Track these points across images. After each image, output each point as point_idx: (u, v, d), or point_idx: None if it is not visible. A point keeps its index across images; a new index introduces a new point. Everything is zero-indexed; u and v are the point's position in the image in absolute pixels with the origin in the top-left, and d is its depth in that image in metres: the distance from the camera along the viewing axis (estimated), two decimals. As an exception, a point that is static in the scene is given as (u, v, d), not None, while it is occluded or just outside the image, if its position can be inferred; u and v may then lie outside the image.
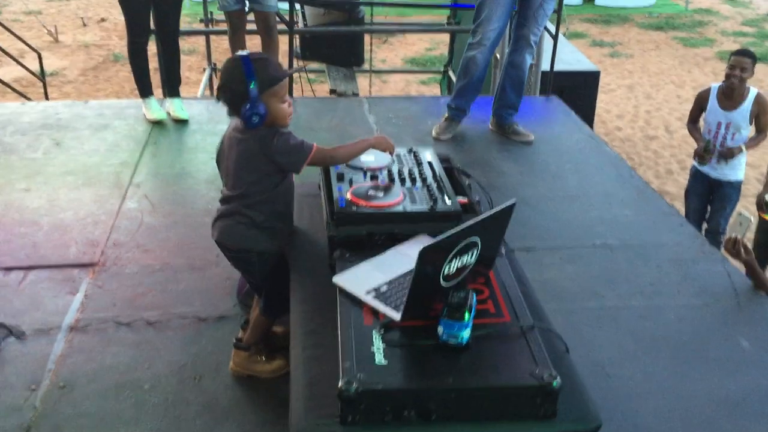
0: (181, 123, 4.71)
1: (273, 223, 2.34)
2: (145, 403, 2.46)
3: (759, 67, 5.33)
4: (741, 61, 4.74)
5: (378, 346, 1.75)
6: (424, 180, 2.39)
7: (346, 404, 1.62)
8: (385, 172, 2.41)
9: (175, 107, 4.75)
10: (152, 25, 4.60)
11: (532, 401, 1.65)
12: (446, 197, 2.28)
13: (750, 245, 3.44)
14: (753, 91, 4.84)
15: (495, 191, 2.67)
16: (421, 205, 2.23)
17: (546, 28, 5.01)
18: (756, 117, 4.84)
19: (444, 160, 2.61)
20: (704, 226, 5.10)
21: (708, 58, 11.80)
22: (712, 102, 4.92)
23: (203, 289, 3.07)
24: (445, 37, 11.03)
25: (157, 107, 4.73)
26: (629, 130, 8.86)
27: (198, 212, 3.66)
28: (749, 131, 4.90)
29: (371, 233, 2.16)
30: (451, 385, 1.64)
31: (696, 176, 5.18)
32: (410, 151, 2.61)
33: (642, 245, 3.47)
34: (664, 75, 10.87)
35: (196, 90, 7.91)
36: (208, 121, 4.79)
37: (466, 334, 1.74)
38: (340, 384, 1.62)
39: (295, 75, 6.06)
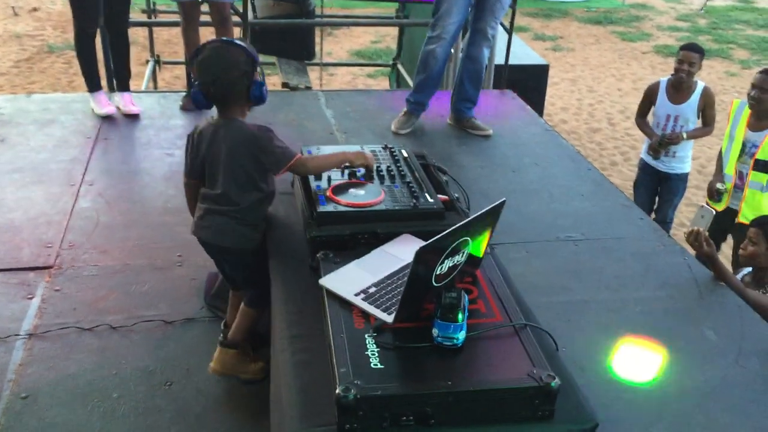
0: (132, 118, 4.56)
1: (263, 222, 2.34)
2: (114, 412, 2.37)
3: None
4: (689, 56, 4.86)
5: (372, 349, 1.71)
6: (403, 177, 2.36)
7: (343, 411, 1.58)
8: (363, 170, 2.36)
9: (125, 101, 4.59)
10: (99, 17, 4.43)
11: (531, 402, 1.64)
12: (427, 195, 2.26)
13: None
14: (700, 85, 4.96)
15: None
16: (404, 204, 2.20)
17: (502, 23, 5.04)
18: (702, 111, 4.97)
19: (419, 157, 2.58)
20: (652, 216, 5.22)
21: (645, 51, 12.08)
22: (662, 95, 5.04)
23: (168, 290, 2.97)
24: (391, 30, 11.03)
25: (107, 102, 4.56)
26: (574, 123, 9.00)
27: (156, 210, 3.55)
28: (697, 124, 5.03)
29: (354, 233, 2.12)
30: (449, 388, 1.62)
31: (644, 169, 5.30)
32: (385, 147, 2.58)
33: (604, 239, 3.51)
34: (604, 68, 11.08)
35: (139, 83, 7.69)
36: (160, 115, 4.64)
37: (461, 335, 1.72)
38: (337, 391, 1.57)
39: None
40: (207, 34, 4.64)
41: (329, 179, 2.30)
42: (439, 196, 2.29)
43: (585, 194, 3.92)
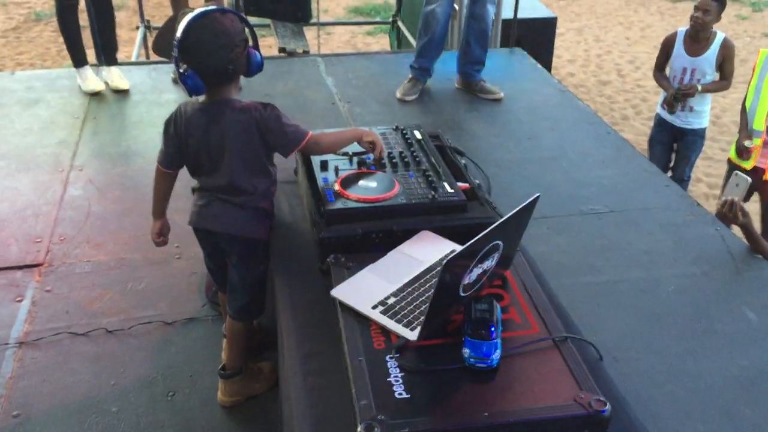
0: (122, 93, 4.32)
1: (272, 210, 2.16)
2: (115, 429, 2.20)
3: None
4: (704, 3, 4.55)
5: (395, 374, 1.51)
6: (418, 164, 2.13)
7: (367, 453, 1.38)
8: (372, 156, 2.13)
9: (114, 76, 4.34)
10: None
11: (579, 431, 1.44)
12: (446, 184, 2.03)
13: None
14: (720, 36, 4.67)
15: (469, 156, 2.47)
16: (421, 196, 1.98)
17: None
18: (720, 64, 4.69)
19: (433, 137, 2.35)
20: (668, 174, 4.99)
21: (653, -3, 11.68)
22: (678, 47, 4.75)
23: (166, 287, 2.78)
24: (389, -16, 10.66)
25: (94, 77, 4.31)
26: (582, 75, 8.69)
27: (151, 197, 3.32)
28: (714, 78, 4.76)
29: (367, 232, 1.90)
30: (486, 421, 1.42)
31: (660, 125, 5.04)
32: (396, 128, 2.35)
33: (630, 210, 3.30)
34: (611, 16, 10.70)
35: (129, 51, 7.39)
36: (152, 90, 4.39)
37: (496, 355, 1.52)
38: (358, 429, 1.37)
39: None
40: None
41: (336, 169, 2.07)
42: (459, 183, 2.06)
43: (606, 161, 3.69)
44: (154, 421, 2.22)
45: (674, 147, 5.03)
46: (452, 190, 2.00)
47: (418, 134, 2.32)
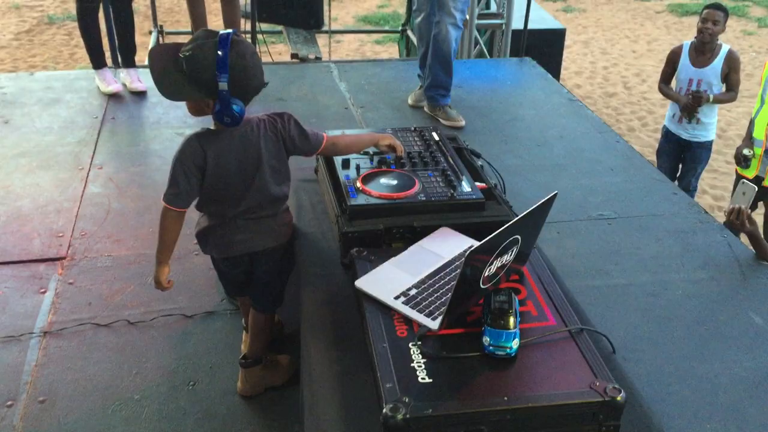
0: (139, 95, 4.39)
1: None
2: (137, 416, 2.25)
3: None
4: (713, 14, 4.64)
5: (418, 360, 1.58)
6: (437, 164, 2.20)
7: (392, 432, 1.44)
8: (392, 155, 2.20)
9: (132, 78, 4.42)
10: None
11: (595, 417, 1.50)
12: (465, 183, 2.10)
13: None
14: (725, 48, 4.75)
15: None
16: (440, 194, 2.05)
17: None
18: (726, 75, 4.77)
19: (450, 140, 2.42)
20: (675, 184, 5.05)
21: (659, 11, 11.77)
22: (684, 59, 4.83)
23: (186, 281, 2.84)
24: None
25: (112, 79, 4.39)
26: (588, 87, 8.77)
27: (170, 195, 3.40)
28: (721, 89, 4.83)
29: (389, 227, 1.97)
30: (506, 405, 1.48)
31: (667, 136, 5.11)
32: (414, 129, 2.42)
33: (639, 216, 3.36)
34: (617, 29, 10.80)
35: (143, 55, 7.48)
36: (168, 92, 4.46)
37: (514, 344, 1.58)
38: (384, 410, 1.44)
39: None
40: (210, 3, 4.46)
41: (358, 168, 2.15)
42: (476, 183, 2.13)
43: (615, 168, 3.76)
44: (175, 408, 2.28)
45: (681, 158, 5.10)
46: (470, 189, 2.07)
47: (435, 136, 2.39)
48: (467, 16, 5.34)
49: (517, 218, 1.63)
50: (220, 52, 1.79)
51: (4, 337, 2.53)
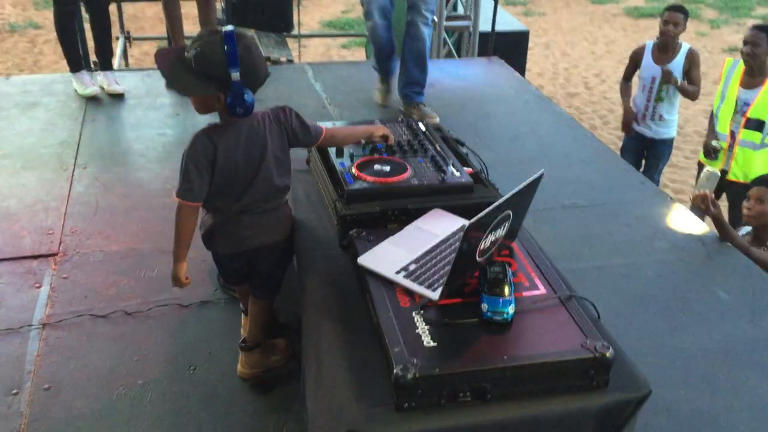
0: (117, 97, 4.45)
1: None
2: (142, 399, 2.33)
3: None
4: (674, 17, 4.86)
5: (422, 327, 1.70)
6: (425, 151, 2.33)
7: (403, 391, 1.56)
8: (383, 144, 2.33)
9: (109, 80, 4.47)
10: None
11: (586, 373, 1.64)
12: (453, 168, 2.23)
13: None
14: (685, 46, 4.98)
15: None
16: (431, 178, 2.18)
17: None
18: (687, 71, 4.99)
19: (436, 129, 2.55)
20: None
21: (616, 14, 12.12)
22: (647, 57, 5.04)
23: (179, 273, 2.91)
24: (362, -1, 10.89)
25: (90, 81, 4.44)
26: (551, 88, 9.01)
27: (156, 193, 3.48)
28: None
29: (385, 210, 2.09)
30: (505, 363, 1.61)
31: (630, 134, 5.32)
32: (401, 120, 2.55)
33: (609, 204, 3.53)
34: (576, 32, 11.10)
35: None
36: (146, 94, 4.53)
37: (510, 309, 1.71)
38: (395, 371, 1.56)
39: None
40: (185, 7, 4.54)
41: (352, 156, 2.26)
42: (465, 169, 2.27)
43: (585, 160, 3.93)
44: (178, 391, 2.36)
45: (644, 155, 5.32)
46: (459, 174, 2.20)
47: (422, 126, 2.52)
48: (436, 18, 5.51)
49: (508, 194, 1.77)
50: (227, 47, 1.87)
51: (3, 329, 2.59)
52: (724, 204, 4.72)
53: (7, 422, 2.22)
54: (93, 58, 4.62)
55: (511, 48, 6.38)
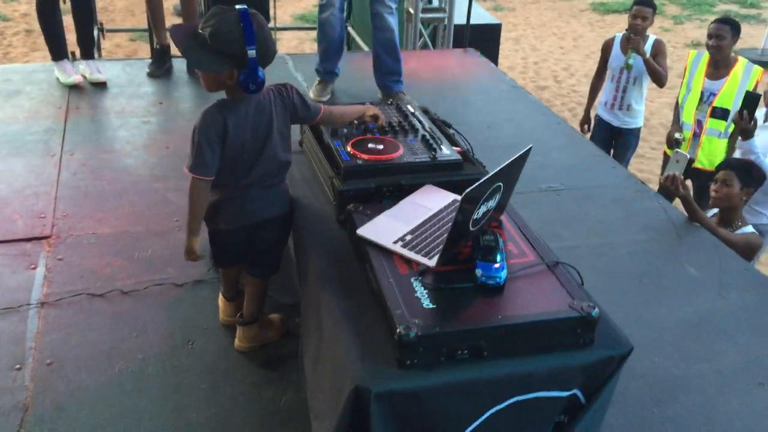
0: (100, 86, 4.49)
1: None
2: (143, 372, 2.41)
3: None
4: (642, 11, 5.03)
5: (421, 292, 1.81)
6: (416, 131, 2.44)
7: (405, 349, 1.67)
8: (376, 125, 2.43)
9: (91, 69, 4.51)
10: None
11: (573, 331, 1.77)
12: (443, 147, 2.35)
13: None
14: (652, 37, 5.16)
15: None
16: (423, 156, 2.29)
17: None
18: (654, 59, 5.15)
19: (424, 111, 2.67)
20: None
21: (583, 9, 12.35)
22: (616, 49, 5.21)
23: (171, 255, 2.98)
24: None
25: (72, 70, 4.47)
26: (521, 81, 9.18)
27: (144, 178, 3.55)
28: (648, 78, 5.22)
29: (380, 186, 2.20)
30: (500, 322, 1.73)
31: (600, 124, 5.50)
32: (391, 102, 2.66)
33: (584, 187, 3.68)
34: (545, 27, 11.30)
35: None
36: (129, 83, 4.58)
37: (503, 274, 1.83)
38: (399, 330, 1.66)
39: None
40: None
41: (345, 135, 2.37)
42: (453, 147, 2.38)
43: (560, 146, 4.08)
44: (178, 365, 2.45)
45: (612, 144, 5.49)
46: (449, 152, 2.32)
47: (411, 107, 2.63)
48: (412, 10, 5.62)
49: (500, 167, 1.89)
50: (244, 24, 1.96)
51: (2, 309, 2.64)
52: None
53: (13, 396, 2.28)
54: (71, 48, 4.63)
55: (484, 40, 6.51)
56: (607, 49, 5.31)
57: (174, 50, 4.86)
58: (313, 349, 2.13)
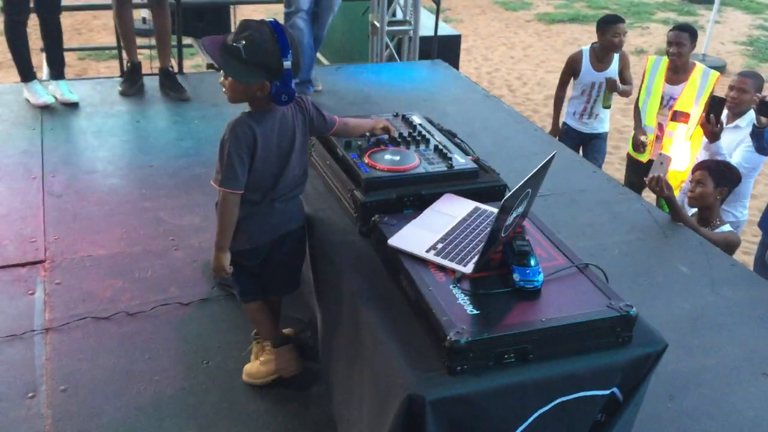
0: (72, 106, 4.39)
1: None
2: (162, 395, 2.38)
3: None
4: (623, 28, 5.14)
5: (462, 298, 1.83)
6: (427, 142, 2.47)
7: (456, 355, 1.69)
8: (386, 136, 2.45)
9: (63, 90, 4.42)
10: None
11: (613, 330, 1.82)
12: (457, 156, 2.38)
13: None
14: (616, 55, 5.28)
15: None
16: (439, 166, 2.32)
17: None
18: (620, 72, 5.31)
19: (428, 122, 2.70)
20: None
21: (529, 20, 12.61)
22: (585, 64, 5.27)
23: (172, 274, 2.96)
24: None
25: (43, 91, 4.37)
26: (477, 91, 9.32)
27: (133, 197, 3.49)
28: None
29: (401, 196, 2.22)
30: (544, 324, 1.77)
31: (568, 133, 5.59)
32: (396, 115, 2.68)
33: (569, 192, 3.77)
34: (494, 38, 11.50)
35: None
36: (101, 102, 4.50)
37: (540, 277, 1.88)
38: (450, 336, 1.69)
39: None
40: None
41: (359, 147, 2.38)
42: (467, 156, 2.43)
43: (538, 153, 4.16)
44: (197, 384, 2.42)
45: (582, 152, 5.61)
46: (464, 161, 2.36)
47: (417, 118, 2.66)
48: (377, 23, 5.67)
49: (529, 174, 1.93)
50: (279, 37, 1.96)
51: (5, 336, 2.57)
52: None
53: (30, 425, 2.23)
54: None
55: (445, 51, 6.61)
56: (574, 64, 5.36)
57: (145, 68, 4.82)
58: (345, 360, 2.14)
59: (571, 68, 5.39)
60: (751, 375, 2.59)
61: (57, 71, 4.45)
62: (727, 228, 3.73)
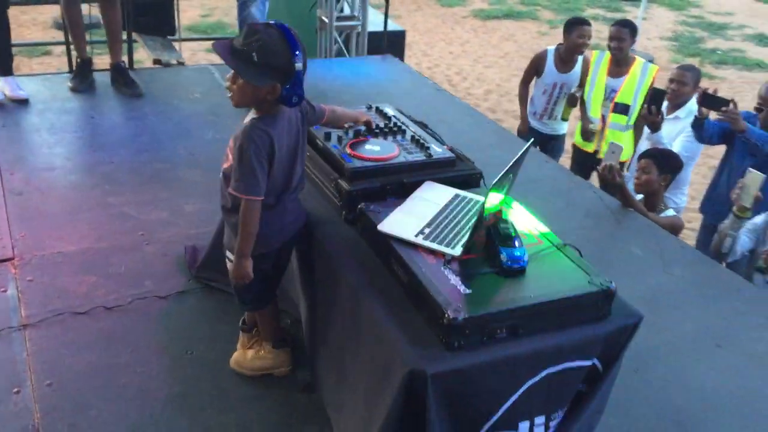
0: (22, 103, 4.31)
1: None
2: (148, 385, 2.40)
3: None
4: (589, 31, 5.30)
5: (453, 279, 1.93)
6: (403, 132, 2.56)
7: (454, 332, 1.79)
8: (363, 127, 2.53)
9: (11, 87, 4.33)
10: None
11: (595, 304, 1.95)
12: (435, 146, 2.48)
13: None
14: (580, 58, 5.45)
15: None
16: (418, 155, 2.42)
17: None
18: (582, 76, 5.45)
19: (400, 113, 2.80)
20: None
21: (465, 16, 12.85)
22: (549, 65, 5.42)
23: (146, 268, 2.96)
24: (219, 2, 10.97)
25: (-9, 88, 4.28)
26: (418, 86, 9.46)
27: (96, 194, 3.47)
28: (575, 89, 5.52)
29: (384, 185, 2.30)
30: (533, 300, 1.89)
31: (529, 131, 5.74)
32: (369, 107, 2.76)
33: (523, 182, 3.86)
34: (432, 33, 11.68)
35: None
36: (52, 98, 4.43)
37: (525, 258, 1.99)
38: (448, 314, 1.78)
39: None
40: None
41: (339, 138, 2.45)
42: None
43: (493, 144, 4.31)
44: (184, 374, 2.45)
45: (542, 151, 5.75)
46: (441, 150, 2.46)
47: (390, 110, 2.75)
48: (326, 19, 5.73)
49: (512, 160, 2.05)
50: (289, 39, 1.98)
51: (-19, 335, 2.54)
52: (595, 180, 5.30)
53: (18, 419, 2.23)
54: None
55: (390, 46, 6.73)
56: (538, 62, 5.49)
57: (97, 64, 4.75)
58: (335, 344, 2.21)
59: (535, 67, 5.51)
60: (706, 347, 2.78)
61: (5, 67, 4.35)
62: (671, 213, 3.95)
